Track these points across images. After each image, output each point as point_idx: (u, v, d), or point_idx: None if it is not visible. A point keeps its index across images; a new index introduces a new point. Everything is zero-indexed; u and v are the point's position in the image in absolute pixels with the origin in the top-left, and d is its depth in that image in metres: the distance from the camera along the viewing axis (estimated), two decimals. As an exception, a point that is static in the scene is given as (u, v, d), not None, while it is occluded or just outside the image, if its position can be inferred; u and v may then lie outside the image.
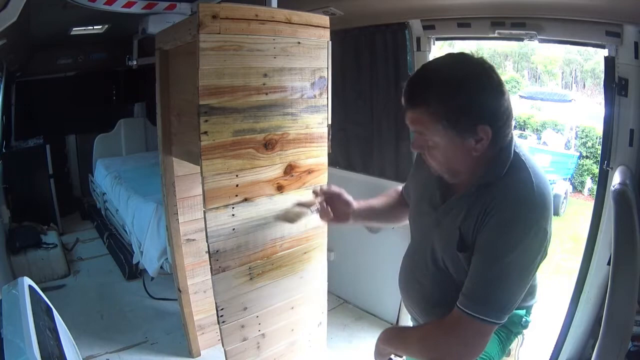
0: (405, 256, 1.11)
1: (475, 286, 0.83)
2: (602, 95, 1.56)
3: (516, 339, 1.07)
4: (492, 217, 0.82)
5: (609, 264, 1.35)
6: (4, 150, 3.56)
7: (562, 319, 1.76)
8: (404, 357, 1.18)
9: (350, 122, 2.44)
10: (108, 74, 4.33)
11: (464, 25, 1.87)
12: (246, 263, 1.51)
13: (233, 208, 1.44)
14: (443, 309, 0.96)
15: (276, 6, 1.63)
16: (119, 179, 3.58)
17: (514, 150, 0.87)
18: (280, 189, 1.55)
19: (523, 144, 0.91)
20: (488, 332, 0.83)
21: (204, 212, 1.40)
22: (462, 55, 0.85)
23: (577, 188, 7.35)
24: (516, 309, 0.93)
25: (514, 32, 1.69)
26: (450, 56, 0.88)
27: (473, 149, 0.83)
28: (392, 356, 1.06)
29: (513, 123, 0.87)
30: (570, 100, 8.44)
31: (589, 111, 7.90)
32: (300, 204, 1.39)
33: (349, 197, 1.23)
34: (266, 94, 1.46)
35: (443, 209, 0.94)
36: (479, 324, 0.81)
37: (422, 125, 0.85)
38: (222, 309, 1.48)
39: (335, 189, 1.23)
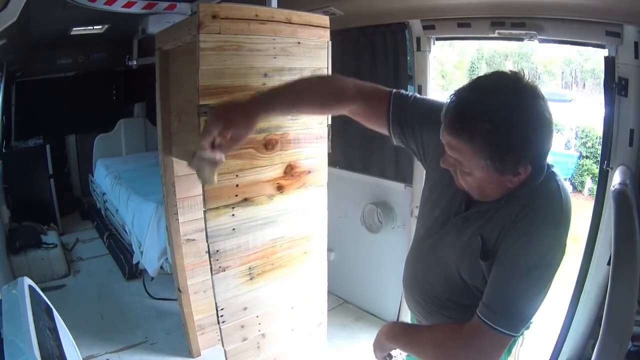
0: (410, 255, 1.09)
1: (498, 298, 0.82)
2: (602, 95, 1.56)
3: (518, 339, 1.07)
4: (520, 227, 0.81)
5: (609, 264, 1.35)
6: (4, 150, 3.56)
7: (562, 319, 1.76)
8: (402, 353, 1.17)
9: (350, 122, 2.43)
10: (108, 74, 4.33)
11: (464, 25, 1.87)
12: (246, 263, 1.51)
13: (233, 208, 1.44)
14: (450, 311, 0.96)
15: (276, 6, 1.63)
16: (119, 179, 3.58)
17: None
18: (280, 189, 1.55)
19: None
20: (506, 343, 0.83)
21: (204, 212, 1.40)
22: (516, 82, 0.76)
23: (577, 188, 7.34)
24: None
25: (514, 32, 1.69)
26: (502, 82, 0.78)
27: (509, 182, 0.81)
28: (391, 352, 1.05)
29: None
30: (570, 100, 8.45)
31: (589, 111, 7.90)
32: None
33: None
34: (266, 94, 1.46)
35: (464, 216, 0.91)
36: (499, 335, 0.80)
37: (460, 155, 0.80)
38: (222, 309, 1.48)
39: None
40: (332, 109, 1.07)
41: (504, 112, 0.74)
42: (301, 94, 1.01)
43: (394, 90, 1.05)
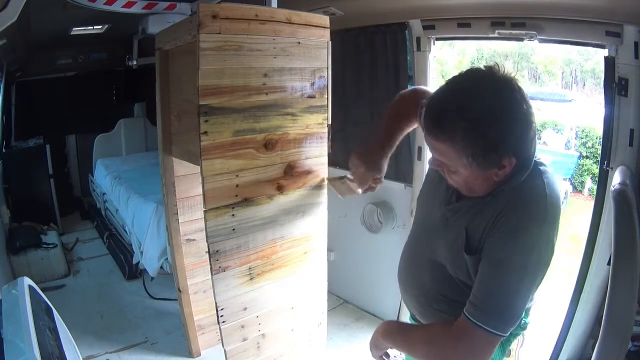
0: (405, 248, 1.10)
1: (484, 297, 0.82)
2: (602, 95, 1.56)
3: (516, 339, 1.07)
4: (503, 225, 0.81)
5: (609, 264, 1.35)
6: (4, 150, 3.56)
7: (562, 319, 1.76)
8: (401, 353, 1.17)
9: (350, 122, 2.44)
10: (108, 74, 4.33)
11: (464, 25, 1.87)
12: (246, 263, 1.51)
13: (233, 208, 1.44)
14: (441, 304, 0.97)
15: (276, 6, 1.63)
16: (119, 179, 3.58)
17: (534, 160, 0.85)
18: (280, 189, 1.54)
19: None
20: (495, 342, 0.83)
21: (204, 212, 1.39)
22: (489, 76, 0.77)
23: (577, 188, 7.34)
24: None
25: (514, 32, 1.69)
26: (476, 78, 0.80)
27: (495, 175, 0.82)
28: (388, 350, 1.05)
29: (536, 142, 0.83)
30: (570, 100, 8.43)
31: (589, 111, 7.89)
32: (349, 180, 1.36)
33: (382, 169, 1.23)
34: (266, 94, 1.46)
35: (453, 207, 0.93)
36: (487, 335, 0.81)
37: (444, 156, 0.82)
38: (222, 309, 1.48)
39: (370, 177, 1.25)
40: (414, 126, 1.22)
41: (479, 109, 0.75)
42: (401, 125, 1.21)
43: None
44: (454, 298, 0.91)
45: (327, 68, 1.60)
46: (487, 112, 0.74)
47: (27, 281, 1.06)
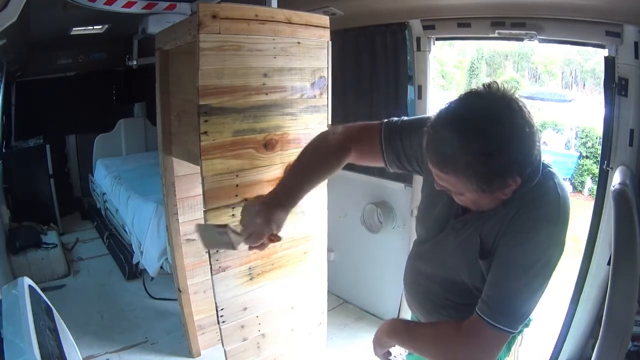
0: (411, 255, 1.10)
1: (497, 296, 0.83)
2: (602, 95, 1.56)
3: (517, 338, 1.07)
4: (517, 226, 0.82)
5: (609, 264, 1.35)
6: (4, 150, 3.56)
7: (562, 319, 1.76)
8: (403, 352, 1.17)
9: (350, 122, 2.43)
10: (108, 74, 4.32)
11: (464, 25, 1.87)
12: (246, 263, 1.51)
13: (233, 208, 1.44)
14: (449, 310, 0.97)
15: (276, 6, 1.63)
16: (119, 179, 3.58)
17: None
18: (280, 189, 1.54)
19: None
20: (505, 340, 0.84)
21: (204, 212, 1.40)
22: (489, 101, 0.76)
23: (577, 188, 7.33)
24: None
25: (514, 32, 1.69)
26: (475, 105, 0.78)
27: (502, 194, 0.82)
28: (391, 349, 1.05)
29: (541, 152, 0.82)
30: (570, 100, 8.45)
31: (589, 111, 7.89)
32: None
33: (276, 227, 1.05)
34: (266, 94, 1.46)
35: (462, 219, 0.93)
36: (498, 332, 0.82)
37: (449, 184, 0.82)
38: (222, 309, 1.48)
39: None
40: (338, 167, 1.14)
41: (481, 141, 0.74)
42: (311, 177, 1.09)
43: (384, 121, 1.08)
44: (465, 302, 0.91)
45: (327, 68, 1.60)
46: (490, 144, 0.74)
47: (27, 281, 1.06)
